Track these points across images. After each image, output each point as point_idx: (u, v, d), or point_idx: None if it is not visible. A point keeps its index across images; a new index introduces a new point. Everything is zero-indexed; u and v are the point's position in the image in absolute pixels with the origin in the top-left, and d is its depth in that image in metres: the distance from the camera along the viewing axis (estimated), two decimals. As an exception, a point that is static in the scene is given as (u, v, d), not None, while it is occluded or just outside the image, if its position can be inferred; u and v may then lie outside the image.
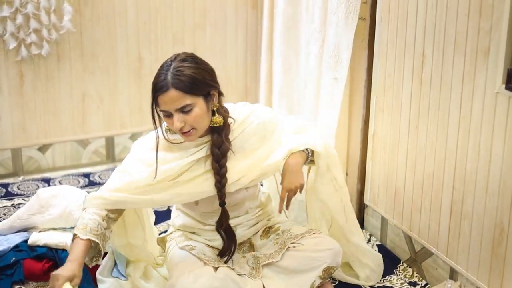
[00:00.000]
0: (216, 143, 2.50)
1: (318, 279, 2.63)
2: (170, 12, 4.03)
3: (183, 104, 2.35)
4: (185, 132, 2.41)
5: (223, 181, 2.50)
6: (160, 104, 2.39)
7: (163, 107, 2.38)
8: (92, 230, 2.38)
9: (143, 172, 2.50)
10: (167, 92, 2.35)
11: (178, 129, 2.39)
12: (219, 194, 2.53)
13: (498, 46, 2.34)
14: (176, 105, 2.36)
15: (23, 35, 3.64)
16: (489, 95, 2.42)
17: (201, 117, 2.40)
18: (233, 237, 2.67)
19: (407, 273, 3.00)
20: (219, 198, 2.54)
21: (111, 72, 3.99)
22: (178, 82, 2.35)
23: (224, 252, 2.67)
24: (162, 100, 2.37)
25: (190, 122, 2.38)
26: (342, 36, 3.15)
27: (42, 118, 3.90)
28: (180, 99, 2.35)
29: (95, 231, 2.39)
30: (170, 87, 2.34)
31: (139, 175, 2.50)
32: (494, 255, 2.51)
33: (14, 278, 2.74)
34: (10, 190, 3.73)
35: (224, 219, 2.61)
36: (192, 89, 2.36)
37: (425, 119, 2.79)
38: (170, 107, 2.36)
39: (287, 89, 3.84)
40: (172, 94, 2.34)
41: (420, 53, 2.76)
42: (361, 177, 3.36)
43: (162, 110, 2.40)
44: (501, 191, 2.43)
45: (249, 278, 2.58)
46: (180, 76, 2.35)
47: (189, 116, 2.37)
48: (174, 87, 2.34)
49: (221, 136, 2.50)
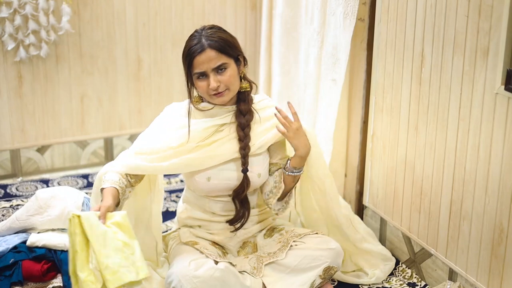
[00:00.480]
0: (243, 111, 2.63)
1: (319, 278, 2.64)
2: (169, 14, 4.03)
3: (220, 63, 2.51)
4: (219, 93, 2.54)
5: (246, 149, 2.61)
6: (196, 65, 2.52)
7: (199, 68, 2.52)
8: (114, 183, 2.50)
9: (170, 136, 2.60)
10: (203, 52, 2.50)
11: (213, 89, 2.52)
12: (243, 161, 2.62)
13: (498, 47, 2.34)
14: (213, 64, 2.51)
15: (22, 36, 3.64)
16: (489, 96, 2.42)
17: (234, 78, 2.56)
18: (247, 206, 2.71)
19: (406, 274, 2.99)
20: (242, 164, 2.62)
21: (110, 74, 3.98)
22: (213, 43, 2.51)
23: (235, 219, 2.70)
24: (198, 61, 2.51)
25: (225, 82, 2.53)
26: (340, 37, 3.15)
27: (41, 119, 3.89)
28: (216, 58, 2.51)
29: (117, 183, 2.50)
30: (206, 47, 2.50)
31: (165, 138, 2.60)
32: (493, 256, 2.50)
33: (13, 279, 2.74)
34: (8, 191, 3.72)
35: (245, 186, 2.65)
36: (226, 50, 2.53)
37: (424, 119, 2.79)
38: (206, 66, 2.51)
39: (286, 90, 3.84)
40: (209, 53, 2.50)
41: (419, 53, 2.76)
42: (360, 178, 3.36)
43: (198, 72, 2.52)
44: (501, 191, 2.42)
45: (249, 275, 2.59)
46: (214, 37, 2.52)
47: (223, 76, 2.52)
48: (210, 47, 2.50)
49: (246, 104, 2.63)
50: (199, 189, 2.70)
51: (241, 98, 2.65)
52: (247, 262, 2.68)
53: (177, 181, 3.89)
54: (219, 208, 2.73)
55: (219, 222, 2.75)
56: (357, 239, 2.92)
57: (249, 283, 2.55)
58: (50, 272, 2.79)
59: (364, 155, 3.30)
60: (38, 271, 2.76)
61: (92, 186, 3.76)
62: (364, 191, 3.31)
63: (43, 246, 2.84)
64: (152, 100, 4.12)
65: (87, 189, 3.75)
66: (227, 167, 2.65)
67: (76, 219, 2.18)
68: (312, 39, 3.40)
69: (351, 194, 3.42)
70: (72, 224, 2.18)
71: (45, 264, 2.80)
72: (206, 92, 2.56)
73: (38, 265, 2.78)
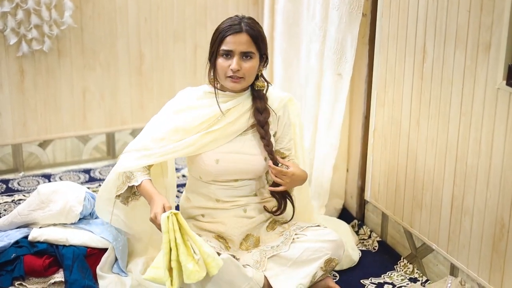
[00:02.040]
0: (259, 109, 2.69)
1: (320, 271, 2.65)
2: (171, 9, 4.02)
3: (249, 50, 2.60)
4: (236, 77, 2.61)
5: (270, 146, 2.70)
6: (226, 42, 2.59)
7: (229, 46, 2.59)
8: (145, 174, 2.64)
9: (185, 116, 2.68)
10: (239, 34, 2.59)
11: (233, 71, 2.59)
12: (270, 157, 2.70)
13: (499, 42, 2.34)
14: (243, 47, 2.59)
15: (24, 30, 3.64)
16: (490, 91, 2.42)
17: (254, 70, 2.64)
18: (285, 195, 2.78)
19: (408, 269, 3.00)
20: (271, 160, 2.70)
21: (111, 68, 3.98)
22: (251, 30, 2.61)
23: (280, 207, 2.78)
24: (231, 40, 2.59)
25: (244, 70, 2.60)
26: (346, 32, 3.14)
27: (43, 114, 3.90)
28: (248, 43, 2.60)
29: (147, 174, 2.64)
30: (244, 31, 2.60)
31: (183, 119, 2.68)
32: (494, 251, 2.50)
33: (15, 274, 2.74)
34: (10, 186, 3.73)
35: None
36: (258, 42, 2.63)
37: (425, 114, 2.79)
38: (237, 47, 2.59)
39: (288, 85, 3.84)
40: (244, 37, 2.59)
41: (421, 48, 2.75)
42: (361, 173, 3.36)
43: (226, 49, 2.59)
44: (502, 186, 2.42)
45: (251, 268, 2.60)
46: (253, 27, 2.62)
47: (246, 64, 2.61)
48: (247, 32, 2.60)
49: (262, 102, 2.70)
50: (207, 173, 2.72)
51: (256, 96, 2.71)
52: (250, 257, 2.68)
53: (179, 176, 3.90)
54: (224, 194, 2.76)
55: (223, 209, 2.77)
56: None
57: (251, 274, 2.56)
58: (52, 267, 2.79)
59: (365, 150, 3.30)
60: (39, 266, 2.76)
61: (94, 180, 3.80)
62: (366, 186, 3.31)
63: (45, 241, 2.84)
64: (154, 94, 4.12)
65: (89, 184, 3.76)
66: (235, 150, 2.70)
67: (174, 216, 2.36)
68: (314, 34, 3.40)
69: (353, 189, 3.42)
70: (170, 222, 2.35)
71: (46, 259, 2.80)
72: (225, 73, 2.61)
73: (40, 260, 2.78)
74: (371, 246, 3.20)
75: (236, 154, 2.71)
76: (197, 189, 2.81)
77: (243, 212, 2.78)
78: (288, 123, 2.83)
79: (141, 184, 2.61)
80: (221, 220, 2.77)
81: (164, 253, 2.35)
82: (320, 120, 3.39)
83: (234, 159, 2.70)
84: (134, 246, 2.94)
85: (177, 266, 2.35)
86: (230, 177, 2.74)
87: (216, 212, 2.78)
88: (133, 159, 2.67)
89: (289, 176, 2.67)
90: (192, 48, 4.13)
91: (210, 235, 2.73)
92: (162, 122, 2.72)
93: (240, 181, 2.75)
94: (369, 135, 3.23)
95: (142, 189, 2.62)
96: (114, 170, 2.73)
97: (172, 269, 2.36)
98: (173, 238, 2.35)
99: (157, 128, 2.71)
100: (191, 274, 2.33)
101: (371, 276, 2.95)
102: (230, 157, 2.70)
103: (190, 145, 2.66)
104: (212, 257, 2.38)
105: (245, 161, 2.71)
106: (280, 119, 2.79)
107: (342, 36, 3.17)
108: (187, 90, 2.80)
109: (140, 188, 2.62)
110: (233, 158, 2.70)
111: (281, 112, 2.78)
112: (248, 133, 2.74)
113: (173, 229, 2.35)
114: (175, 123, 2.68)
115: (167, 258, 2.35)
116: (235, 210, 2.77)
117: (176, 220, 2.36)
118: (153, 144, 2.67)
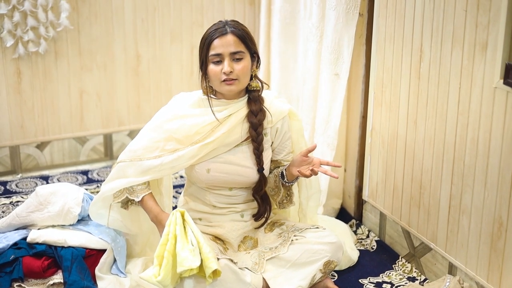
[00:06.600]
0: (254, 111, 2.66)
1: (319, 273, 2.65)
2: (167, 9, 4.02)
3: (238, 50, 2.58)
4: (230, 80, 2.57)
5: (260, 148, 2.68)
6: (214, 47, 2.58)
7: (217, 50, 2.58)
8: (138, 189, 2.66)
9: (180, 124, 2.66)
10: (225, 36, 2.58)
11: (226, 74, 2.56)
12: (257, 160, 2.68)
13: (496, 41, 2.34)
14: (231, 48, 2.57)
15: (21, 32, 3.64)
16: (487, 90, 2.42)
17: (247, 70, 2.61)
18: (267, 201, 2.78)
19: (406, 269, 3.00)
20: (258, 164, 2.69)
21: (108, 70, 3.98)
22: (236, 31, 2.60)
23: (260, 214, 2.77)
24: (218, 43, 2.58)
25: (237, 71, 2.58)
26: (343, 32, 3.15)
27: (40, 115, 3.89)
28: (235, 44, 2.58)
29: (147, 188, 2.67)
30: (229, 32, 2.59)
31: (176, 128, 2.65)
32: (492, 249, 2.51)
33: (14, 275, 2.74)
34: (8, 188, 3.72)
35: (263, 185, 2.72)
36: (246, 41, 2.62)
37: (423, 114, 2.79)
38: (225, 50, 2.57)
39: (285, 85, 3.84)
40: (230, 38, 2.58)
41: (418, 48, 2.76)
42: (359, 173, 3.36)
43: (215, 53, 2.58)
44: (500, 185, 2.43)
45: (250, 271, 2.59)
46: (238, 27, 2.62)
47: (238, 65, 2.58)
48: (232, 33, 2.59)
49: (257, 104, 2.66)
50: (199, 181, 2.71)
51: (251, 98, 2.67)
52: (248, 258, 2.68)
53: (177, 177, 3.89)
54: (218, 201, 2.75)
55: (220, 215, 2.76)
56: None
57: (249, 279, 2.56)
58: (51, 268, 2.79)
59: (363, 150, 3.31)
60: (38, 267, 2.76)
61: (91, 182, 3.79)
62: (364, 185, 3.32)
63: (43, 243, 2.84)
64: (151, 95, 4.12)
65: (87, 185, 3.75)
66: (228, 160, 2.67)
67: (179, 213, 2.48)
68: (310, 34, 3.40)
69: (351, 188, 3.42)
70: (173, 216, 2.47)
71: (45, 260, 2.80)
72: (218, 78, 2.58)
73: (39, 261, 2.78)
74: (369, 246, 3.21)
75: (228, 165, 2.68)
76: (194, 193, 2.80)
77: (240, 217, 2.78)
78: (287, 136, 2.78)
79: (142, 200, 2.65)
80: (218, 225, 2.76)
81: (160, 244, 2.42)
82: (318, 120, 3.39)
83: (226, 170, 2.68)
84: (133, 247, 2.94)
85: (170, 259, 2.40)
86: (223, 186, 2.72)
87: (213, 216, 2.78)
88: (131, 175, 2.66)
89: (317, 164, 2.61)
90: (189, 49, 4.13)
91: (208, 237, 2.73)
92: (154, 131, 2.69)
93: (234, 189, 2.74)
94: (366, 134, 3.23)
95: (144, 205, 2.65)
96: (111, 187, 2.70)
97: (163, 259, 2.40)
98: (173, 231, 2.42)
99: (151, 137, 2.68)
100: (183, 260, 2.38)
101: (369, 275, 2.95)
102: (222, 167, 2.67)
103: (190, 158, 2.63)
104: (212, 253, 2.45)
105: (237, 172, 2.68)
106: (278, 131, 2.75)
107: (339, 36, 3.17)
108: (180, 95, 2.77)
109: (141, 204, 2.66)
110: (225, 168, 2.67)
111: (279, 124, 2.74)
112: (243, 144, 2.71)
113: (175, 222, 2.44)
114: (168, 132, 2.65)
115: (162, 248, 2.42)
116: (232, 215, 2.77)
117: (180, 215, 2.46)
118: (147, 153, 2.65)
